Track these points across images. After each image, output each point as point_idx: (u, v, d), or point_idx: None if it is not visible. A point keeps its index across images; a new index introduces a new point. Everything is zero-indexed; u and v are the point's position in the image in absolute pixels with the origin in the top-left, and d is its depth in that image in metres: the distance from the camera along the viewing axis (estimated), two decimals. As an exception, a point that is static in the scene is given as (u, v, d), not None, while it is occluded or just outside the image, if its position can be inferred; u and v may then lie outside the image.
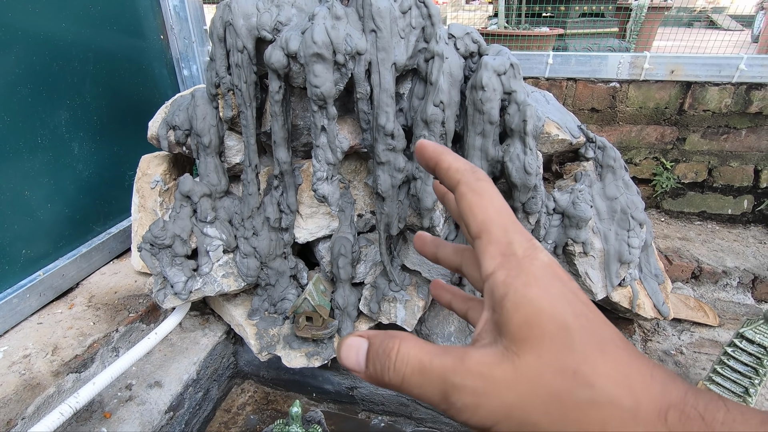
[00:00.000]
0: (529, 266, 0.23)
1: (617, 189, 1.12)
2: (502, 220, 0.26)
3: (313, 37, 0.93)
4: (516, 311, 0.22)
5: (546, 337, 0.22)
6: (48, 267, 1.29)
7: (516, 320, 0.22)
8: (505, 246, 0.25)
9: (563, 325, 0.22)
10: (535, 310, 0.22)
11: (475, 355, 0.23)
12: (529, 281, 0.23)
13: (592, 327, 0.22)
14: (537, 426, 0.21)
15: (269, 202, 1.19)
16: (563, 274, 0.24)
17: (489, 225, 0.25)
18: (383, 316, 1.24)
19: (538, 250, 0.25)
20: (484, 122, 1.01)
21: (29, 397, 0.97)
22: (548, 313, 0.22)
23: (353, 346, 0.26)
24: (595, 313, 0.23)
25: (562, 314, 0.22)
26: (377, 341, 0.25)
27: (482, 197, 0.26)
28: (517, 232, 0.25)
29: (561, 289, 0.23)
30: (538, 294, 0.22)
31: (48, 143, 1.26)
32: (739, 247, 1.64)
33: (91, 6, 1.33)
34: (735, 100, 1.63)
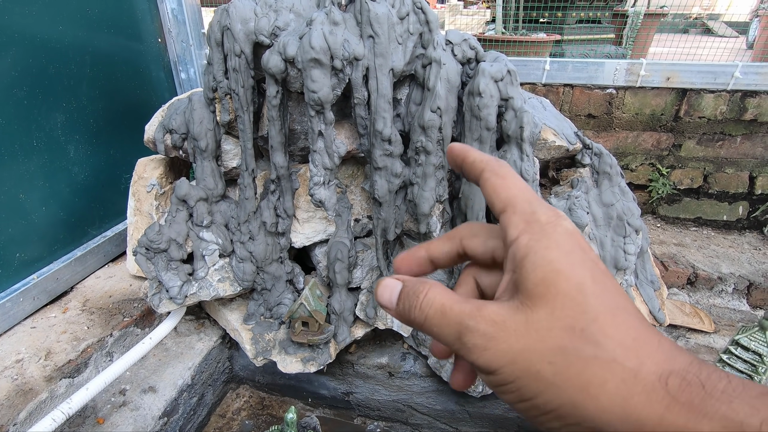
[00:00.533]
0: (552, 232, 0.25)
1: (613, 195, 1.13)
2: (525, 195, 0.27)
3: (311, 42, 0.93)
4: (534, 270, 0.24)
5: (560, 296, 0.23)
6: (42, 270, 1.28)
7: (533, 278, 0.23)
8: (529, 215, 0.26)
9: (579, 288, 0.23)
10: (553, 270, 0.23)
11: (492, 306, 0.25)
12: (550, 245, 0.24)
13: (607, 294, 0.23)
14: (539, 374, 0.22)
15: (266, 207, 1.19)
16: (585, 244, 0.25)
17: (513, 200, 0.27)
18: (379, 321, 1.23)
19: (562, 218, 0.26)
20: (481, 128, 1.02)
21: (21, 403, 0.96)
22: (566, 274, 0.23)
23: (389, 286, 0.29)
24: (613, 283, 0.24)
25: (580, 277, 0.23)
26: (410, 283, 0.28)
27: (505, 179, 0.28)
28: (541, 204, 0.26)
29: (581, 255, 0.24)
30: (558, 256, 0.24)
31: (43, 146, 1.25)
32: (735, 253, 1.65)
33: (88, 8, 1.33)
34: (730, 108, 1.64)
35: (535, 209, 0.26)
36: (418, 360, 1.35)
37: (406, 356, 1.36)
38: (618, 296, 0.23)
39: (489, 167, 0.29)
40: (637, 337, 0.22)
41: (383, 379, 1.37)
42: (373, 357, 1.35)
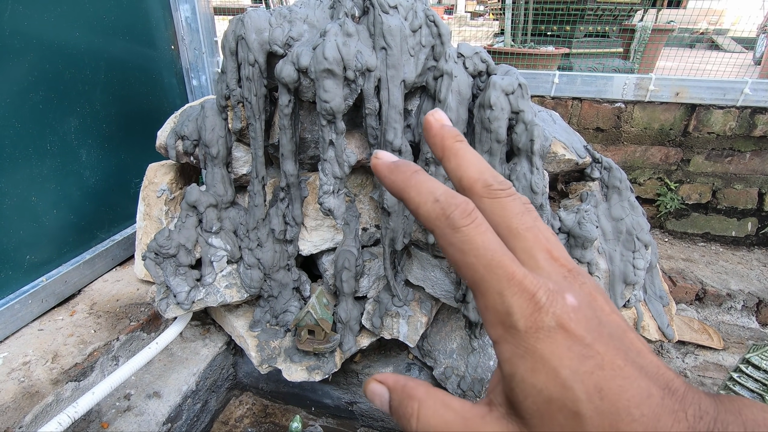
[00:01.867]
0: (534, 343, 0.21)
1: (623, 210, 1.12)
2: (494, 279, 0.22)
3: (325, 53, 0.94)
4: (525, 399, 0.21)
5: (556, 427, 0.21)
6: (51, 273, 1.29)
7: (527, 408, 0.21)
8: (504, 316, 0.22)
9: (574, 414, 0.20)
10: (543, 399, 0.21)
11: (494, 395, 0.23)
12: (536, 366, 0.21)
13: (604, 405, 0.20)
14: None
15: (275, 214, 1.20)
16: (577, 326, 0.21)
17: (479, 287, 0.23)
18: (385, 331, 1.23)
19: (543, 312, 0.21)
20: (491, 141, 1.02)
21: (27, 406, 0.96)
22: (557, 402, 0.21)
23: (376, 394, 0.26)
24: (611, 375, 0.21)
25: (572, 402, 0.21)
26: (396, 397, 0.25)
27: (464, 254, 0.23)
28: (515, 294, 0.22)
29: (571, 364, 0.21)
30: (545, 381, 0.21)
31: (56, 150, 1.26)
32: (743, 269, 1.64)
33: (104, 16, 1.36)
34: (739, 124, 1.64)
35: (509, 306, 0.22)
36: (423, 371, 1.34)
37: (411, 367, 1.35)
38: (619, 394, 0.20)
39: (440, 232, 0.24)
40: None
41: (387, 390, 1.36)
42: (378, 367, 1.35)
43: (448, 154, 0.27)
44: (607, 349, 0.21)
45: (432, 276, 1.20)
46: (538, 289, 0.22)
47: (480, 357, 1.22)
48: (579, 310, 0.22)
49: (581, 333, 0.21)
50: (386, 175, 0.26)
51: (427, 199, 0.24)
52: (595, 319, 0.22)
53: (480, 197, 0.25)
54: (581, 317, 0.22)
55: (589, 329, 0.21)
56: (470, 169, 0.26)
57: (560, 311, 0.21)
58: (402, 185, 0.25)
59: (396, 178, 0.25)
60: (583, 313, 0.22)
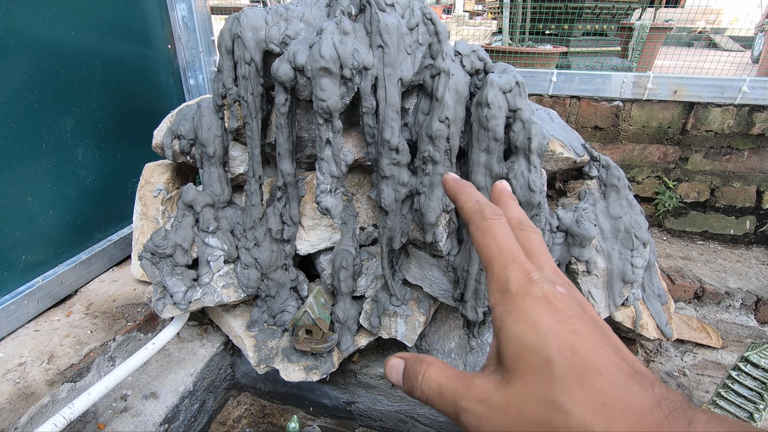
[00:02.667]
0: (521, 303, 0.26)
1: (621, 208, 1.12)
2: (502, 258, 0.28)
3: (321, 51, 0.94)
4: (507, 345, 0.25)
5: (530, 370, 0.24)
6: (47, 273, 1.28)
7: (507, 353, 0.25)
8: (503, 283, 0.27)
9: (546, 359, 0.24)
10: (521, 345, 0.25)
11: (479, 383, 0.26)
12: (518, 317, 0.25)
13: (575, 358, 0.23)
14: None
15: (272, 213, 1.19)
16: (557, 305, 0.25)
17: (491, 263, 0.28)
18: (383, 331, 1.22)
19: (534, 284, 0.26)
20: (489, 139, 1.02)
21: (23, 407, 0.95)
22: (532, 347, 0.24)
23: (393, 366, 0.31)
24: (585, 341, 0.24)
25: (545, 348, 0.24)
26: (410, 363, 0.30)
27: (486, 236, 0.29)
28: (515, 269, 0.27)
29: (549, 322, 0.24)
30: (524, 330, 0.25)
31: (52, 149, 1.26)
32: (742, 268, 1.63)
33: (100, 15, 1.35)
34: (737, 122, 1.64)
35: (509, 276, 0.27)
36: (422, 370, 1.33)
37: (409, 366, 1.35)
38: (588, 355, 0.23)
39: (473, 220, 0.31)
40: (606, 401, 0.22)
41: (386, 389, 1.36)
42: (375, 366, 1.34)
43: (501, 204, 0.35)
44: (585, 326, 0.25)
45: (430, 275, 1.20)
46: (533, 271, 0.27)
47: (478, 356, 1.21)
48: (566, 296, 0.26)
49: (563, 308, 0.25)
50: (451, 183, 0.35)
51: (471, 200, 0.32)
52: (578, 308, 0.26)
53: (512, 228, 0.31)
54: (565, 300, 0.26)
55: (571, 308, 0.25)
56: (511, 211, 0.33)
57: (548, 288, 0.26)
58: (458, 190, 0.34)
59: (455, 186, 0.34)
60: (568, 299, 0.26)
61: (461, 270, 1.13)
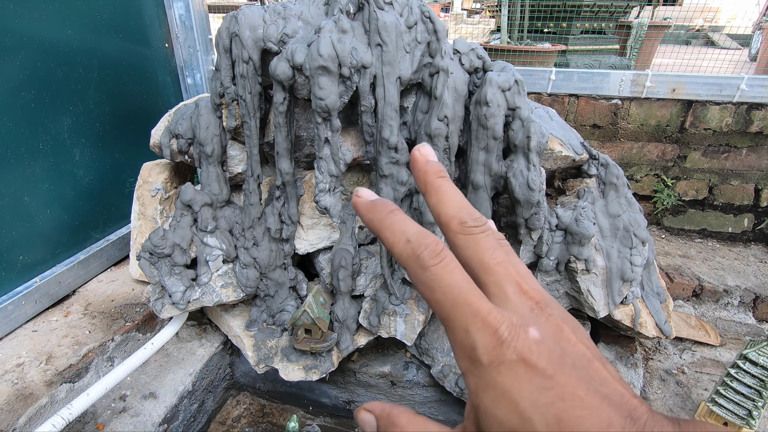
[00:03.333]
0: (496, 377, 0.22)
1: (620, 206, 1.12)
2: (461, 317, 0.23)
3: (319, 49, 0.93)
4: (489, 429, 0.23)
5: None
6: (45, 274, 1.27)
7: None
8: (469, 350, 0.23)
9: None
10: (505, 431, 0.22)
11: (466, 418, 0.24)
12: (497, 398, 0.22)
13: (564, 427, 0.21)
14: None
15: (270, 213, 1.19)
16: (539, 359, 0.22)
17: (449, 322, 0.24)
18: (383, 330, 1.22)
19: (506, 347, 0.22)
20: (487, 137, 1.01)
21: (21, 408, 0.95)
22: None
23: (366, 422, 0.28)
24: (571, 405, 0.21)
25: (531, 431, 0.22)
26: (382, 424, 0.27)
27: (433, 291, 0.24)
28: (479, 329, 0.23)
29: (531, 396, 0.22)
30: (506, 414, 0.22)
31: (49, 149, 1.25)
32: (740, 265, 1.64)
33: (97, 14, 1.34)
34: (736, 120, 1.64)
35: (474, 342, 0.23)
36: (421, 369, 1.34)
37: (408, 365, 1.35)
38: (579, 426, 0.21)
39: (412, 271, 0.25)
40: None
41: (385, 388, 1.35)
42: (375, 365, 1.34)
43: (430, 189, 0.28)
44: (568, 380, 0.22)
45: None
46: (500, 324, 0.23)
47: (478, 355, 1.21)
48: (541, 343, 0.23)
49: (542, 365, 0.22)
50: (364, 214, 0.28)
51: (400, 239, 0.25)
52: (558, 351, 0.23)
53: (455, 233, 0.26)
54: (543, 350, 0.22)
55: (551, 361, 0.22)
56: (449, 205, 0.27)
57: (521, 345, 0.22)
58: (378, 225, 0.27)
59: (373, 217, 0.27)
60: (545, 345, 0.23)
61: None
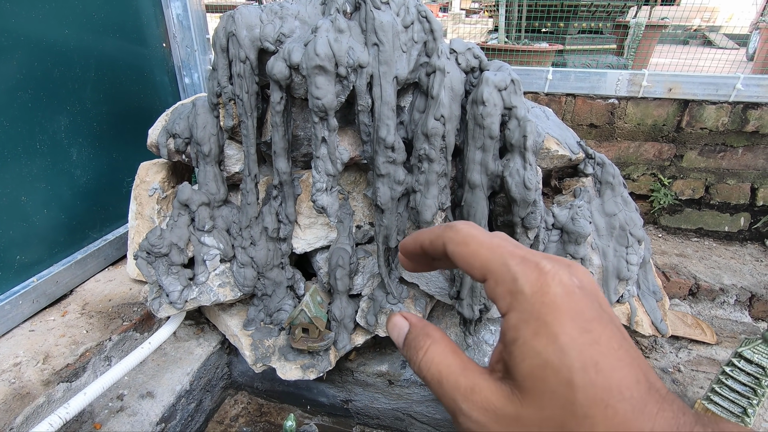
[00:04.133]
0: (540, 308, 0.22)
1: (616, 205, 1.13)
2: (499, 256, 0.24)
3: (316, 49, 0.94)
4: (522, 361, 0.22)
5: (548, 392, 0.21)
6: (42, 273, 1.27)
7: (522, 370, 0.22)
8: (510, 283, 0.24)
9: (568, 383, 0.21)
10: (541, 362, 0.22)
11: (485, 390, 0.24)
12: (539, 329, 0.22)
13: (598, 379, 0.21)
14: None
15: (268, 212, 1.19)
16: (580, 301, 0.22)
17: (489, 266, 0.25)
18: (380, 329, 1.22)
19: (550, 276, 0.23)
20: (484, 137, 1.02)
21: (18, 407, 0.95)
22: (553, 367, 0.21)
23: (397, 325, 0.29)
24: (607, 353, 0.21)
25: (567, 369, 0.21)
26: (414, 331, 0.28)
27: (469, 245, 0.26)
28: (519, 264, 0.24)
29: (572, 332, 0.22)
30: (545, 345, 0.22)
31: (46, 149, 1.25)
32: (736, 264, 1.64)
33: (94, 13, 1.34)
34: (732, 119, 1.65)
35: (516, 274, 0.23)
36: (418, 368, 1.34)
37: (406, 364, 1.35)
38: (611, 373, 0.21)
39: (448, 239, 0.27)
40: (630, 428, 0.20)
41: (383, 387, 1.36)
42: (372, 364, 1.34)
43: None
44: (605, 330, 0.22)
45: (426, 273, 1.20)
46: (540, 259, 0.24)
47: (474, 353, 1.22)
48: (582, 288, 0.23)
49: (583, 307, 0.22)
50: (404, 246, 0.32)
51: (432, 231, 0.29)
52: (596, 303, 0.23)
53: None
54: (583, 294, 0.23)
55: (591, 308, 0.23)
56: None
57: (566, 280, 0.23)
58: (412, 237, 0.31)
59: (408, 241, 0.31)
60: (585, 292, 0.23)
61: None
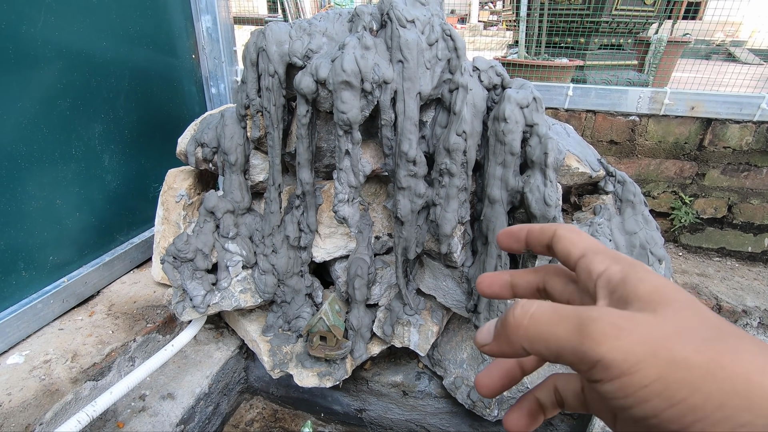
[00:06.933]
0: (642, 266, 0.25)
1: (636, 224, 1.12)
2: (600, 244, 0.28)
3: (343, 65, 0.97)
4: (642, 283, 0.23)
5: (678, 303, 0.22)
6: (72, 274, 1.32)
7: (645, 288, 0.23)
8: (613, 254, 0.26)
9: (694, 301, 0.22)
10: (662, 284, 0.23)
11: (609, 307, 0.23)
12: (648, 271, 0.24)
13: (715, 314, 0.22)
14: (688, 363, 0.19)
15: (290, 221, 1.22)
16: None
17: (592, 247, 0.27)
18: (396, 339, 1.24)
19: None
20: (505, 153, 1.03)
21: (48, 403, 0.99)
22: (674, 289, 0.22)
23: (490, 323, 0.28)
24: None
25: (690, 296, 0.22)
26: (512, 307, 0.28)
27: (579, 234, 0.29)
28: (621, 253, 0.28)
29: (682, 289, 0.23)
30: (662, 280, 0.23)
31: (81, 154, 1.30)
32: (760, 286, 1.61)
33: (130, 26, 1.40)
34: (756, 138, 1.63)
35: (617, 253, 0.26)
36: (433, 380, 1.34)
37: (421, 375, 1.36)
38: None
39: (560, 227, 0.30)
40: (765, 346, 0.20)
41: (397, 398, 1.36)
42: (387, 375, 1.35)
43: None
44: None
45: (444, 285, 1.21)
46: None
47: (490, 368, 1.22)
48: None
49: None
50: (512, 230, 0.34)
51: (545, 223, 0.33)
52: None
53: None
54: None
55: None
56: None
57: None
58: (521, 227, 0.33)
59: (519, 229, 0.33)
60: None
61: (475, 281, 1.14)
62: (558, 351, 0.22)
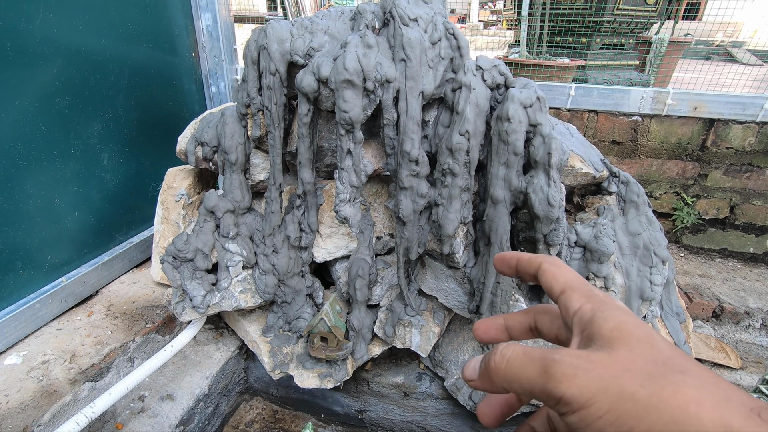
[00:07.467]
0: (610, 303, 0.28)
1: (640, 225, 1.12)
2: (580, 280, 0.31)
3: (345, 64, 0.96)
4: (605, 321, 0.26)
5: (634, 339, 0.24)
6: (70, 274, 1.31)
7: (607, 326, 0.26)
8: (587, 292, 0.29)
9: (649, 336, 0.25)
10: (623, 321, 0.26)
11: (572, 348, 0.27)
12: (613, 309, 0.27)
13: (673, 346, 0.25)
14: (634, 397, 0.22)
15: (290, 221, 1.21)
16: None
17: (571, 282, 0.30)
18: (398, 340, 1.23)
19: (614, 299, 0.28)
20: (508, 153, 1.02)
21: (46, 404, 0.98)
22: (634, 325, 0.25)
23: (474, 359, 0.31)
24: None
25: (647, 330, 0.25)
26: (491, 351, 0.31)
27: (561, 267, 0.32)
28: (595, 288, 0.30)
29: (641, 322, 0.26)
30: (623, 316, 0.26)
31: (80, 153, 1.29)
32: (762, 287, 1.61)
33: (130, 24, 1.39)
34: (759, 139, 1.62)
35: (591, 290, 0.29)
36: (435, 381, 1.33)
37: (422, 377, 1.35)
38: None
39: (545, 260, 0.33)
40: (715, 376, 0.23)
41: (398, 399, 1.36)
42: (388, 376, 1.34)
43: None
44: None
45: (445, 286, 1.20)
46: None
47: (492, 369, 1.21)
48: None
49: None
50: (504, 257, 0.37)
51: (533, 254, 0.35)
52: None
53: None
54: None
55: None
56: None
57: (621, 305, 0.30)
58: (514, 254, 0.36)
59: (511, 254, 0.36)
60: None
61: (477, 282, 1.13)
62: (530, 390, 0.26)
